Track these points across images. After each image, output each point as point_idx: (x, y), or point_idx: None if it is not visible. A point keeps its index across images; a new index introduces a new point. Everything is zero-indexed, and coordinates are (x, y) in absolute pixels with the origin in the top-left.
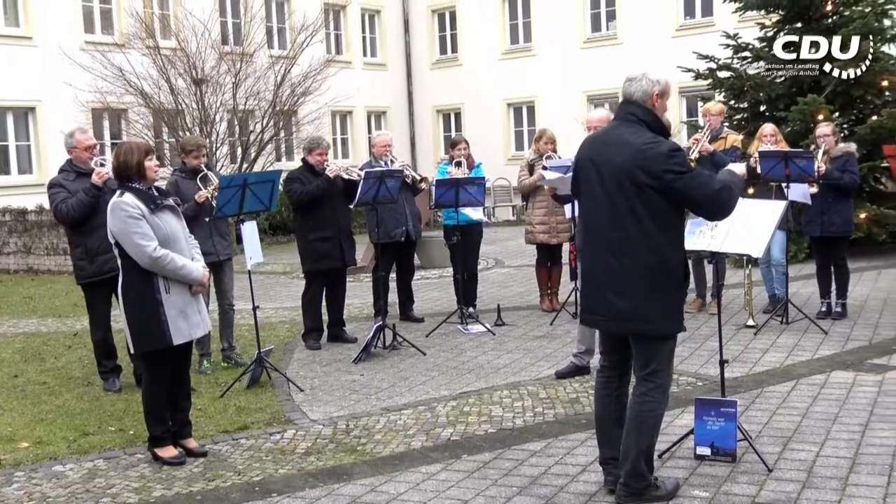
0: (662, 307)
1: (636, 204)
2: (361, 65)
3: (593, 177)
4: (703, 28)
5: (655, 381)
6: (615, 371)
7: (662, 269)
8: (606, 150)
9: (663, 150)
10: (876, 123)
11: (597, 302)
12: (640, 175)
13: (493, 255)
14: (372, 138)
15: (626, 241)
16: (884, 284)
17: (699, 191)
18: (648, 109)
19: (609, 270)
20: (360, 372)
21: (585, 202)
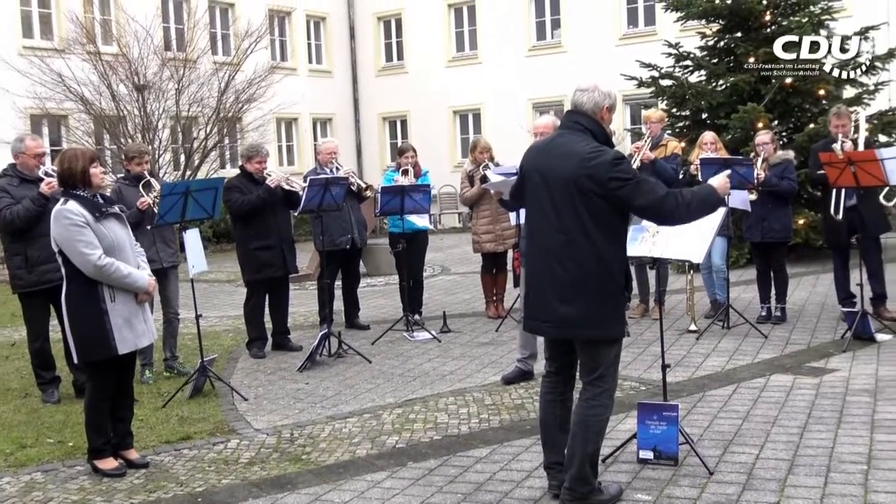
0: (606, 312)
1: (581, 211)
2: (307, 71)
3: (539, 184)
4: (646, 37)
5: (601, 386)
6: (560, 376)
7: (606, 274)
8: (552, 158)
9: (608, 159)
10: (813, 131)
11: (541, 308)
12: (586, 182)
13: (439, 263)
14: (317, 145)
15: (570, 247)
16: (822, 289)
17: (644, 198)
18: (596, 120)
19: (553, 277)
20: (305, 380)
21: (531, 209)
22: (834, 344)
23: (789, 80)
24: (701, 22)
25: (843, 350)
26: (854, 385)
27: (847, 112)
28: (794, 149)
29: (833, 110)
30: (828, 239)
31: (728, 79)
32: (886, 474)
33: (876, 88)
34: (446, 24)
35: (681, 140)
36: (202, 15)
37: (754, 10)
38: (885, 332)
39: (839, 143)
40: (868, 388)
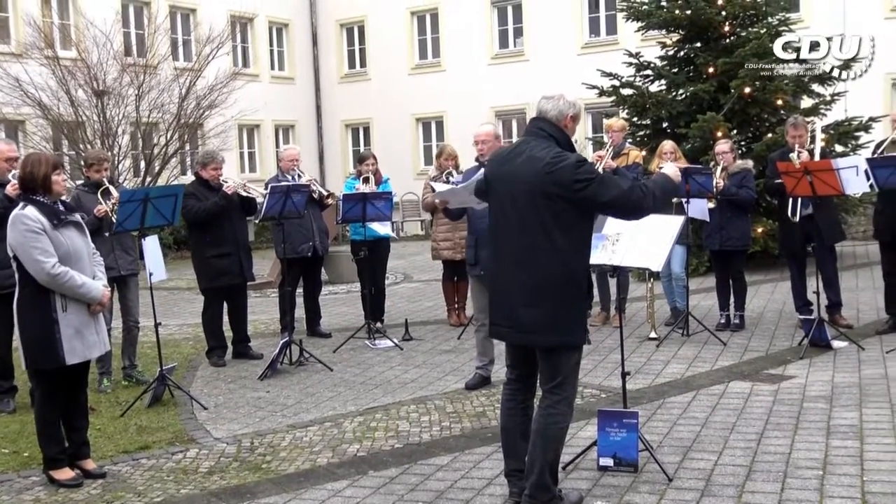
0: (570, 318)
1: (546, 216)
2: (269, 78)
3: (503, 191)
4: (608, 46)
5: (561, 394)
6: (521, 384)
7: (570, 280)
8: (516, 165)
9: (571, 162)
10: (771, 141)
11: (505, 315)
12: (551, 187)
13: (402, 270)
14: (279, 152)
15: (534, 252)
16: (779, 297)
17: (609, 193)
18: (560, 128)
19: (518, 283)
20: (266, 388)
21: (495, 216)
22: (791, 351)
23: (748, 90)
24: (661, 32)
25: (801, 357)
26: (811, 391)
27: (804, 122)
28: (753, 158)
29: (790, 120)
30: (784, 248)
31: (688, 88)
32: (841, 479)
33: (832, 99)
34: (409, 31)
35: (642, 149)
36: (163, 20)
37: (713, 21)
38: (841, 340)
39: (795, 153)
40: (824, 394)
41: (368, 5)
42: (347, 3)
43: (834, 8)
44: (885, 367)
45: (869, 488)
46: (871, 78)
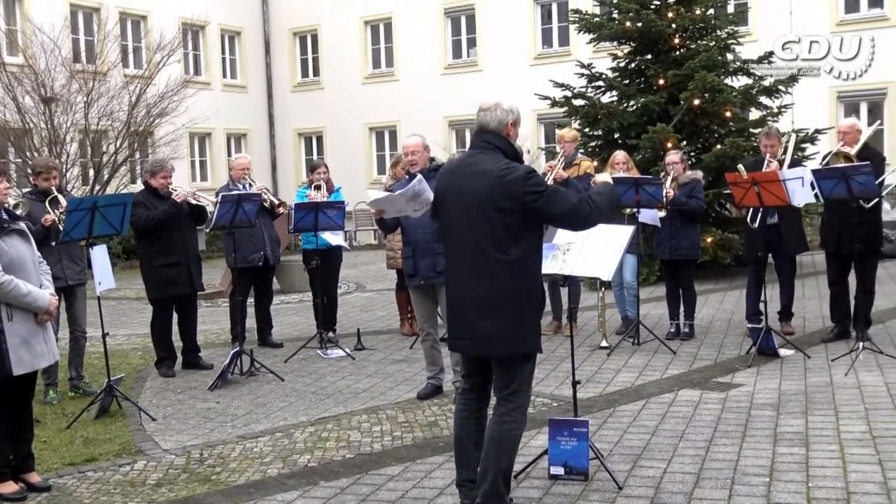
0: (525, 328)
1: (497, 228)
2: (221, 86)
3: (454, 204)
4: (560, 57)
5: (515, 402)
6: (475, 393)
7: (524, 290)
8: (465, 178)
9: (521, 174)
10: (720, 152)
11: (462, 327)
12: (502, 200)
13: (354, 280)
14: (230, 161)
15: (487, 264)
16: (728, 306)
17: (558, 206)
18: (503, 137)
19: (473, 296)
20: (216, 399)
21: (447, 230)
22: (739, 359)
23: (697, 102)
24: (613, 44)
25: (748, 365)
26: (758, 399)
27: (776, 133)
28: (702, 169)
29: (763, 130)
30: (747, 253)
31: (639, 99)
32: (787, 486)
33: (780, 111)
34: (362, 40)
35: (594, 159)
36: (113, 27)
37: (664, 34)
38: (788, 348)
39: (765, 163)
40: (771, 402)
41: (321, 14)
42: (300, 12)
43: (781, 22)
44: (831, 374)
45: (814, 494)
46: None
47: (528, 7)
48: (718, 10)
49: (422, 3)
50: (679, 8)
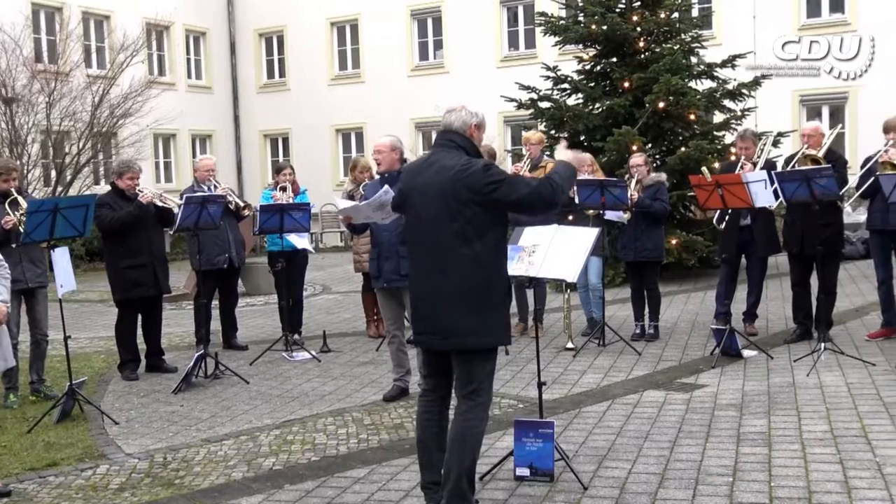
0: (492, 320)
1: (461, 223)
2: (186, 87)
3: (418, 202)
4: (527, 60)
5: (477, 400)
6: (437, 394)
7: (489, 283)
8: (428, 176)
9: (480, 166)
10: (684, 154)
11: (428, 322)
12: (464, 193)
13: (321, 281)
14: (195, 162)
15: (453, 260)
16: (693, 307)
17: (519, 191)
18: (466, 137)
19: (439, 290)
20: (180, 402)
21: (412, 227)
22: (704, 360)
23: (662, 105)
24: (578, 47)
25: (712, 366)
26: (722, 400)
27: (751, 136)
28: (667, 171)
29: (738, 133)
30: (721, 251)
31: (604, 102)
32: (750, 485)
33: (743, 114)
34: (329, 42)
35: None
36: (75, 26)
37: (629, 37)
38: (751, 349)
39: (739, 165)
40: (735, 402)
41: (288, 15)
42: (266, 13)
43: (744, 26)
44: (793, 375)
45: (776, 494)
46: (780, 94)
47: (494, 9)
48: (683, 13)
49: (388, 5)
50: (644, 11)
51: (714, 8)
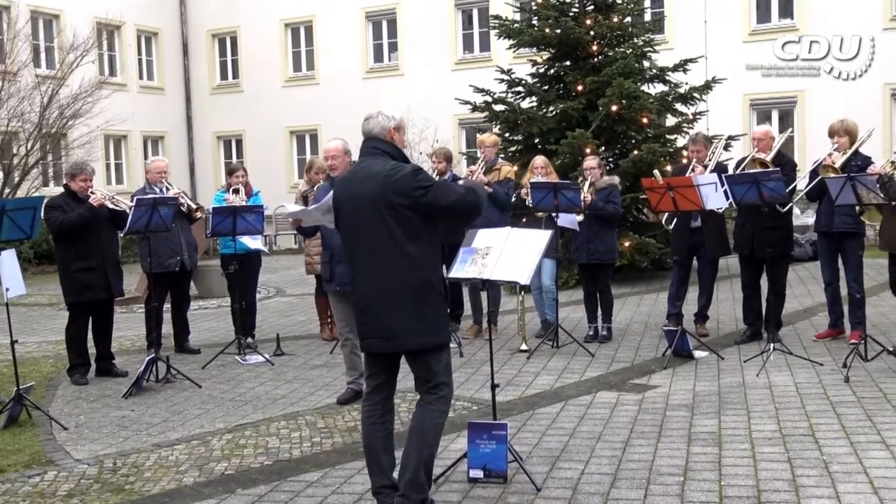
0: (432, 320)
1: (393, 227)
2: (137, 87)
3: (350, 209)
4: (481, 62)
5: (438, 393)
6: (380, 395)
7: (426, 284)
8: (357, 183)
9: (408, 171)
10: (637, 157)
11: (372, 326)
12: (394, 198)
13: (274, 284)
14: (147, 164)
15: (388, 263)
16: (645, 309)
17: (447, 198)
18: (388, 142)
19: (378, 294)
20: (131, 407)
21: (347, 235)
22: (656, 361)
23: (615, 108)
24: (532, 50)
25: (664, 367)
26: (673, 400)
27: (702, 139)
28: (620, 174)
29: (690, 136)
30: (673, 254)
31: (558, 105)
32: (701, 485)
33: (695, 118)
34: (283, 43)
35: (514, 164)
36: (24, 25)
37: (582, 41)
38: (702, 350)
39: (691, 168)
40: (686, 402)
41: (241, 16)
42: (219, 14)
43: (696, 31)
44: (743, 375)
45: (726, 493)
46: (731, 98)
47: (449, 12)
48: (635, 18)
49: (343, 7)
50: (597, 15)
51: (666, 13)
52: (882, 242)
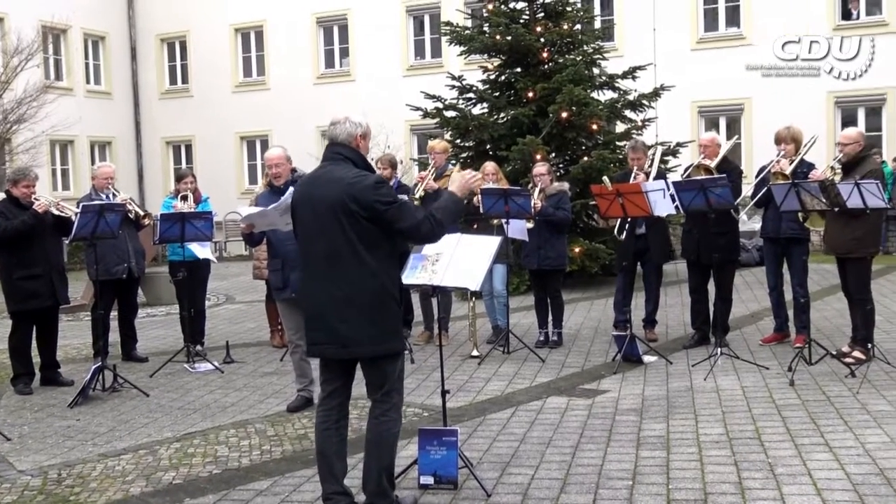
0: (387, 328)
1: (351, 233)
2: (84, 92)
3: (309, 213)
4: (433, 69)
5: (390, 401)
6: (335, 401)
7: (380, 290)
8: (318, 187)
9: (370, 183)
10: (587, 164)
11: (325, 332)
12: (352, 206)
13: (224, 291)
14: (93, 170)
15: (343, 268)
16: (596, 314)
17: (404, 222)
18: (353, 149)
19: (333, 300)
20: (76, 417)
21: (305, 239)
22: (605, 366)
23: (565, 115)
24: (483, 57)
25: (614, 372)
26: (623, 405)
27: (642, 146)
28: (570, 180)
29: (629, 143)
30: (618, 261)
31: (508, 112)
32: (649, 488)
33: (643, 124)
34: (233, 48)
35: (464, 171)
36: None
37: (532, 48)
38: (651, 354)
39: (633, 175)
40: (635, 407)
41: (190, 20)
42: (168, 18)
43: (644, 39)
44: (691, 379)
45: (674, 496)
46: (679, 105)
47: (400, 18)
48: (585, 25)
49: (294, 12)
50: (547, 22)
51: (616, 20)
52: (827, 247)
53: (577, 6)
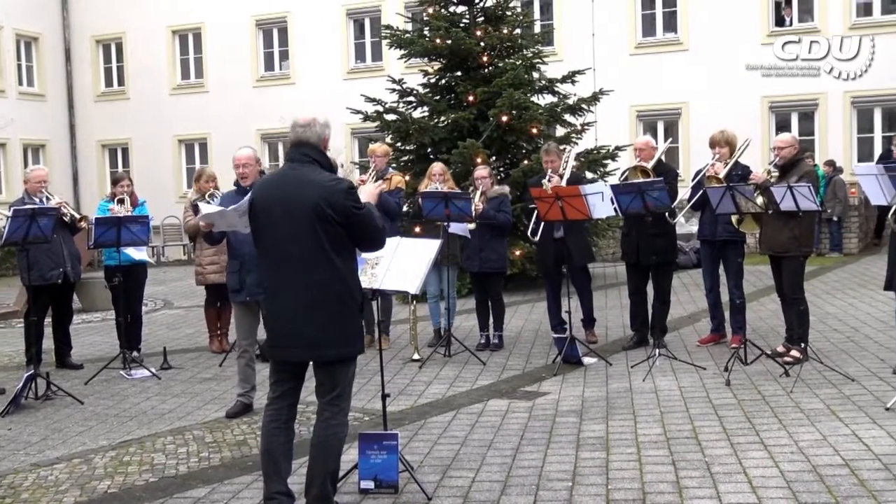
0: (349, 330)
1: (321, 235)
2: (16, 94)
3: (278, 214)
4: (373, 72)
5: (339, 405)
6: (286, 402)
7: (347, 294)
8: (288, 189)
9: (345, 188)
10: (527, 167)
11: (288, 334)
12: (326, 209)
13: (162, 296)
14: (26, 173)
15: (313, 270)
16: (536, 316)
17: (370, 227)
18: (321, 151)
19: (298, 302)
20: (8, 426)
21: (270, 241)
22: (546, 368)
23: (505, 118)
24: (424, 60)
25: (554, 374)
26: (563, 406)
27: (555, 149)
28: (510, 184)
29: (543, 147)
30: (540, 269)
31: (449, 115)
32: (589, 489)
33: (583, 129)
34: (170, 50)
35: (406, 174)
36: None
37: (472, 52)
38: (591, 356)
39: (546, 178)
40: (575, 408)
41: (126, 22)
42: (104, 19)
43: (584, 44)
44: (630, 380)
45: (613, 496)
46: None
47: (341, 21)
48: (525, 30)
49: (232, 14)
50: (487, 27)
51: (555, 25)
52: (764, 247)
53: (516, 11)
